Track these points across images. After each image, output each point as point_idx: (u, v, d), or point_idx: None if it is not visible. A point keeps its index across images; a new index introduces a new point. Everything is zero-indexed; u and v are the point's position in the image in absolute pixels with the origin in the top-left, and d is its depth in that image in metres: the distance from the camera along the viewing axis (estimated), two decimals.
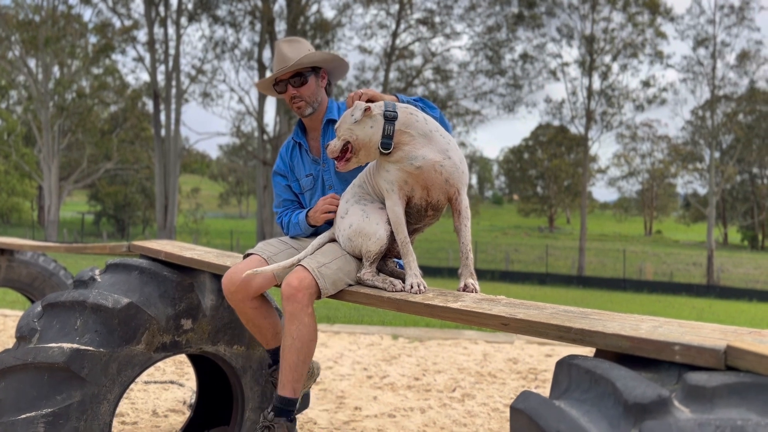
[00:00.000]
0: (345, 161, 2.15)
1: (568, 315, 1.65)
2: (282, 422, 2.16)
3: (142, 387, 4.66)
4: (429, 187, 2.11)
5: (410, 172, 2.08)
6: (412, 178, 2.09)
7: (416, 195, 2.14)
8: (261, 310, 2.40)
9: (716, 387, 1.18)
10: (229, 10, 28.94)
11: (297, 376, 2.16)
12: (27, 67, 32.52)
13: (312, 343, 2.17)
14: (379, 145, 2.08)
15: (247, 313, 2.39)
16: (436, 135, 2.11)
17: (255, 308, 2.39)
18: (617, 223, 72.79)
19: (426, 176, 2.09)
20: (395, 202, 2.13)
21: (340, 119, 2.18)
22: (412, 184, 2.11)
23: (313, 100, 2.51)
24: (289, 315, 2.13)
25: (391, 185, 2.12)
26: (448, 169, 2.09)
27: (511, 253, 38.18)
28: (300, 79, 2.48)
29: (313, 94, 2.51)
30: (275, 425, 2.16)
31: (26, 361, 2.39)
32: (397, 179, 2.11)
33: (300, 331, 2.12)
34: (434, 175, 2.08)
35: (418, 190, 2.13)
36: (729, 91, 33.45)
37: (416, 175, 2.08)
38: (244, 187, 72.04)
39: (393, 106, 2.12)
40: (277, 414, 2.17)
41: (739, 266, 38.63)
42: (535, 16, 30.89)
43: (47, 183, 33.26)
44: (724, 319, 13.56)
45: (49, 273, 5.20)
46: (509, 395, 4.82)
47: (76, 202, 74.14)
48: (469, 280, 2.14)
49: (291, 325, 2.13)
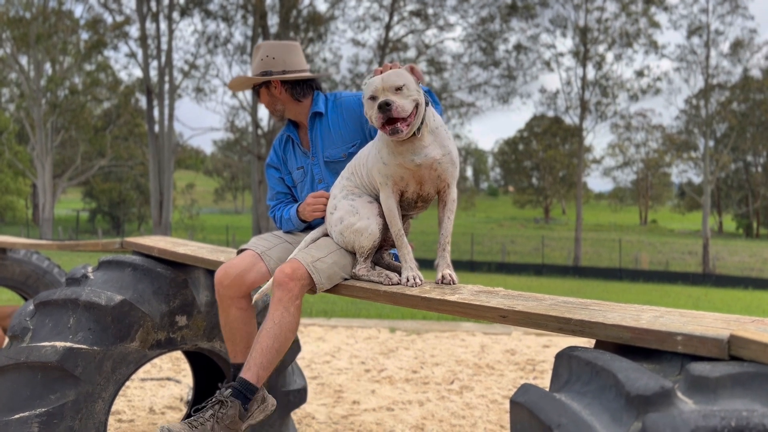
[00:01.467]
0: (407, 125, 1.92)
1: (568, 306, 1.63)
2: (237, 404, 2.00)
3: (139, 384, 4.64)
4: (423, 182, 2.09)
5: (408, 168, 2.04)
6: (408, 173, 2.06)
7: (410, 189, 2.12)
8: (245, 314, 2.33)
9: (720, 377, 1.15)
10: (221, 4, 28.79)
11: (266, 362, 2.04)
12: (19, 65, 32.31)
13: (291, 334, 2.09)
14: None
15: (232, 313, 2.31)
16: (441, 131, 2.08)
17: (240, 310, 2.32)
18: (612, 213, 72.95)
19: (422, 173, 2.06)
20: (389, 194, 2.10)
21: (407, 79, 1.96)
22: (407, 179, 2.08)
23: (273, 109, 2.57)
24: (276, 300, 2.07)
25: (386, 179, 2.09)
26: (444, 166, 2.06)
27: (507, 244, 38.22)
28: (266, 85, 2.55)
29: (269, 104, 2.56)
30: (228, 402, 2.00)
31: (19, 360, 2.36)
32: (393, 174, 2.07)
33: (283, 319, 2.05)
34: (430, 171, 2.06)
35: (412, 185, 2.10)
36: (723, 80, 33.46)
37: (414, 171, 2.05)
38: (239, 182, 71.85)
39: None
40: (234, 395, 2.02)
41: (735, 254, 38.75)
42: (529, 6, 30.79)
43: (41, 181, 33.11)
44: (720, 307, 13.61)
45: (43, 271, 5.15)
46: (507, 387, 4.81)
47: (70, 200, 73.87)
48: (446, 270, 2.09)
49: (275, 311, 2.06)
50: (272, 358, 2.05)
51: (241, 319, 2.33)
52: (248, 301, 2.34)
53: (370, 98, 1.98)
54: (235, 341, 2.35)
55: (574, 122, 34.41)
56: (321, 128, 2.49)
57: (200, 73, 30.68)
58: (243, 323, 2.33)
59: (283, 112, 2.56)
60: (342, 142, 2.46)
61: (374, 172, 2.13)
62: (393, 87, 1.93)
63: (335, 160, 2.47)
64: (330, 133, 2.48)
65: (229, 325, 2.34)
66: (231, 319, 2.33)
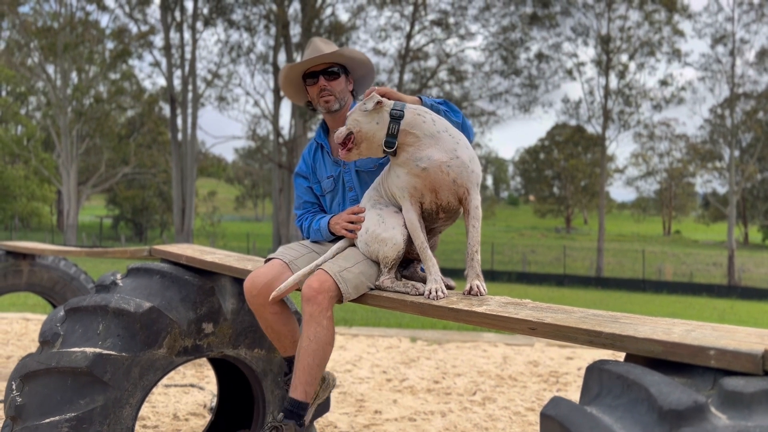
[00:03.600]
0: (347, 150, 2.16)
1: (598, 319, 1.62)
2: (291, 424, 2.10)
3: (163, 390, 4.68)
4: (437, 189, 2.09)
5: (417, 174, 2.06)
6: (419, 181, 2.07)
7: (426, 199, 2.12)
8: (281, 316, 2.38)
9: (754, 393, 1.14)
10: (244, 14, 29.13)
11: (310, 379, 2.13)
12: (46, 74, 32.95)
13: (328, 346, 2.15)
14: (383, 143, 2.10)
15: (267, 318, 2.37)
16: (444, 135, 2.08)
17: (275, 314, 2.37)
18: (635, 224, 72.14)
19: (433, 178, 2.06)
20: (408, 208, 2.13)
21: (353, 108, 2.19)
22: (421, 188, 2.09)
23: (341, 97, 2.50)
24: (308, 317, 2.12)
25: (402, 191, 2.13)
26: (455, 169, 2.06)
27: (528, 254, 37.97)
28: (333, 73, 2.48)
29: (342, 90, 2.51)
30: (283, 426, 2.10)
31: (50, 365, 2.40)
32: (407, 185, 2.10)
33: (317, 334, 2.11)
34: (441, 176, 2.06)
35: (427, 194, 2.10)
36: (748, 89, 32.99)
37: (423, 177, 2.06)
38: (260, 190, 72.38)
39: (401, 106, 2.11)
40: (287, 416, 2.12)
41: (761, 266, 38.08)
42: (550, 15, 30.70)
43: (66, 187, 33.65)
44: (747, 320, 13.37)
45: (70, 277, 5.25)
46: (530, 399, 4.77)
47: (94, 206, 74.93)
48: (475, 282, 2.06)
49: (309, 327, 2.11)
50: (315, 373, 2.14)
51: (278, 321, 2.39)
52: (280, 305, 2.38)
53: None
54: (281, 339, 2.44)
55: (597, 131, 34.16)
56: None
57: (223, 82, 31.06)
58: (282, 324, 2.40)
59: (342, 104, 2.51)
60: None
61: (392, 188, 2.19)
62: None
63: (367, 169, 2.48)
64: None
65: (269, 327, 2.41)
66: (269, 323, 2.39)
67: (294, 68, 2.52)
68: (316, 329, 2.10)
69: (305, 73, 2.52)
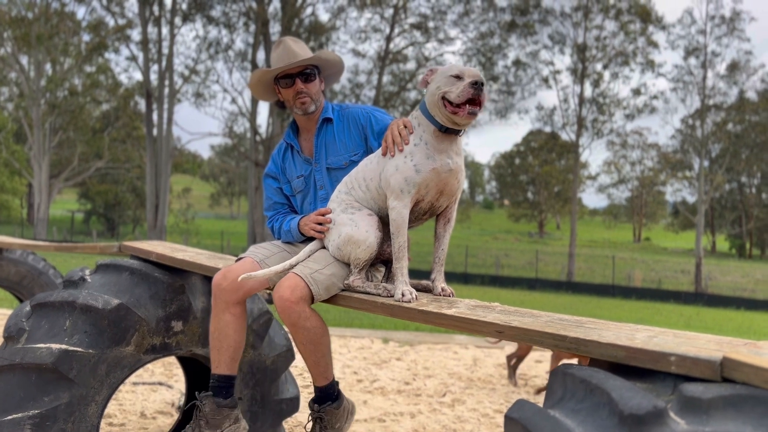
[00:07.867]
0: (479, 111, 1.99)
1: (563, 323, 1.65)
2: (327, 408, 2.34)
3: (131, 388, 4.62)
4: (444, 191, 2.11)
5: (440, 174, 2.06)
6: (439, 180, 2.07)
7: (426, 199, 2.11)
8: (237, 321, 2.32)
9: (712, 399, 1.17)
10: (223, 10, 28.89)
11: (323, 368, 2.31)
12: (19, 64, 32.29)
13: (324, 338, 2.23)
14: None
15: (224, 318, 2.29)
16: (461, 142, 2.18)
17: (233, 316, 2.30)
18: (606, 230, 73.11)
19: (450, 181, 2.09)
20: (405, 204, 2.08)
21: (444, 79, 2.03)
22: (432, 187, 2.08)
23: (316, 98, 2.51)
24: (290, 327, 2.16)
25: (410, 186, 2.05)
26: (461, 178, 2.13)
27: (501, 258, 38.25)
28: (309, 75, 2.48)
29: (317, 92, 2.52)
30: (323, 413, 2.34)
31: (14, 361, 2.36)
32: (421, 180, 2.05)
33: (307, 337, 2.18)
34: (453, 180, 2.09)
35: (432, 193, 2.10)
36: (719, 101, 33.70)
37: (444, 178, 2.07)
38: (235, 187, 71.81)
39: None
40: (320, 402, 2.34)
41: (727, 274, 38.88)
42: (528, 23, 31.00)
43: (37, 181, 33.02)
44: (712, 327, 13.64)
45: (38, 272, 5.15)
46: (499, 401, 4.81)
47: (65, 200, 73.63)
48: (443, 284, 2.18)
49: (296, 335, 2.19)
50: (326, 361, 2.30)
51: (232, 325, 2.31)
52: (242, 308, 2.34)
53: (454, 76, 2.01)
54: (222, 349, 2.32)
55: (571, 138, 34.58)
56: (327, 135, 2.51)
57: (200, 78, 30.77)
58: (234, 330, 2.31)
59: (317, 105, 2.51)
60: (345, 150, 2.48)
61: (394, 182, 2.08)
62: (475, 76, 1.99)
63: (337, 167, 2.49)
64: (335, 141, 2.50)
65: (220, 330, 2.31)
66: (222, 325, 2.30)
67: (270, 72, 2.51)
68: (303, 334, 2.18)
69: (279, 75, 2.50)
